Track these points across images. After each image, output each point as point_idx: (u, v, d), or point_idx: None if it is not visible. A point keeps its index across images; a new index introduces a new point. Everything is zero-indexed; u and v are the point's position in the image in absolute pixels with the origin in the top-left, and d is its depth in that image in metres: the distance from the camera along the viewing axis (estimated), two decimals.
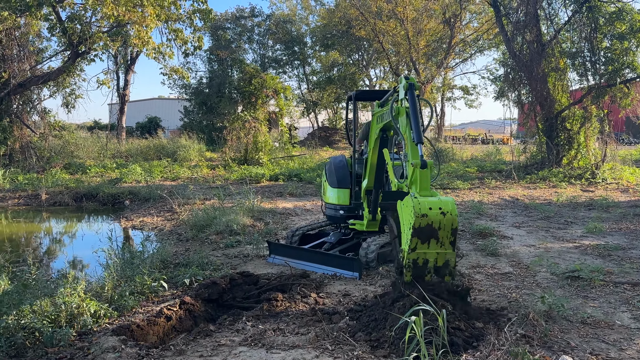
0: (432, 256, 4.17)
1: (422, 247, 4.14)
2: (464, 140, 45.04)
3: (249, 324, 4.63)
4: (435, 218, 4.09)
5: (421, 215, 4.09)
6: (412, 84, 4.81)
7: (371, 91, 8.25)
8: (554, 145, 17.49)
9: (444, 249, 4.16)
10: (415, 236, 4.11)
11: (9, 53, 17.23)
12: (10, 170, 16.78)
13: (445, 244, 4.15)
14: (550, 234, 8.79)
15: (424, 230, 4.09)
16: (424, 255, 4.17)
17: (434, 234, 4.10)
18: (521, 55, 17.53)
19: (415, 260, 4.18)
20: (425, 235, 4.11)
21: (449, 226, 4.11)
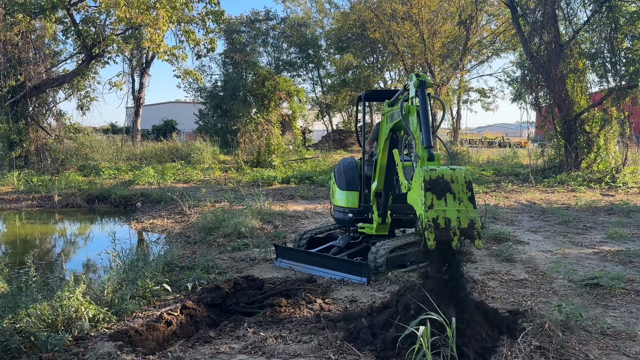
0: (454, 214, 3.68)
1: (439, 203, 3.68)
2: (480, 143, 44.54)
3: (250, 330, 4.46)
4: (445, 171, 3.74)
5: (429, 169, 3.77)
6: (424, 82, 4.56)
7: (381, 91, 8.07)
8: (573, 149, 17.08)
9: (463, 205, 3.71)
10: (429, 190, 3.69)
11: (25, 56, 17.40)
12: (25, 172, 16.91)
13: (464, 200, 3.71)
14: (568, 240, 8.49)
15: (436, 183, 3.69)
16: (443, 214, 3.68)
17: (447, 187, 3.69)
18: (539, 57, 17.17)
19: (435, 219, 3.67)
20: (438, 189, 3.69)
21: (462, 179, 3.72)
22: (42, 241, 10.42)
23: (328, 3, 41.23)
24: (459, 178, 3.75)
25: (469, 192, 3.74)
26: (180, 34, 18.14)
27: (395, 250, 6.40)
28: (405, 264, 6.50)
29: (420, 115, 4.46)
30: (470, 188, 3.75)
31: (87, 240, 10.99)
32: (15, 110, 17.59)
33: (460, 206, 3.72)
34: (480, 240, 3.74)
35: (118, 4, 14.17)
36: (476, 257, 7.18)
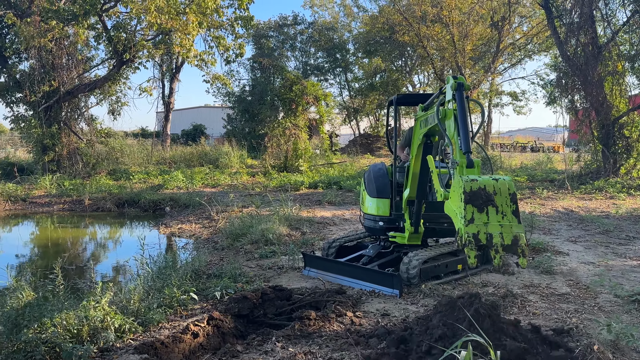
0: (496, 229, 3.41)
1: (480, 216, 3.41)
2: (512, 147, 43.56)
3: (278, 344, 4.29)
4: (488, 182, 3.46)
5: (470, 180, 3.49)
6: (461, 84, 4.29)
7: (414, 95, 7.85)
8: (611, 154, 16.43)
9: (507, 220, 3.43)
10: (469, 202, 3.42)
11: (59, 62, 17.74)
12: (57, 175, 17.21)
13: (508, 214, 3.43)
14: (610, 250, 8.07)
15: (477, 195, 3.42)
16: (484, 229, 3.41)
17: (489, 199, 3.43)
18: (575, 59, 16.60)
19: (476, 235, 3.41)
20: (480, 201, 3.42)
21: (506, 191, 3.44)
22: (72, 245, 10.51)
23: (356, 7, 41.08)
24: (503, 190, 3.48)
25: (514, 206, 3.47)
26: (209, 39, 18.26)
27: (429, 261, 6.15)
28: (440, 275, 6.25)
29: (458, 119, 4.22)
30: (514, 201, 3.48)
31: (116, 244, 11.04)
32: (48, 115, 17.95)
33: (503, 220, 3.45)
34: (524, 259, 3.47)
35: (149, 9, 14.31)
36: (513, 269, 6.85)
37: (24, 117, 18.68)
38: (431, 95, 5.41)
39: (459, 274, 6.45)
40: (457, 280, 6.32)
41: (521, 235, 3.44)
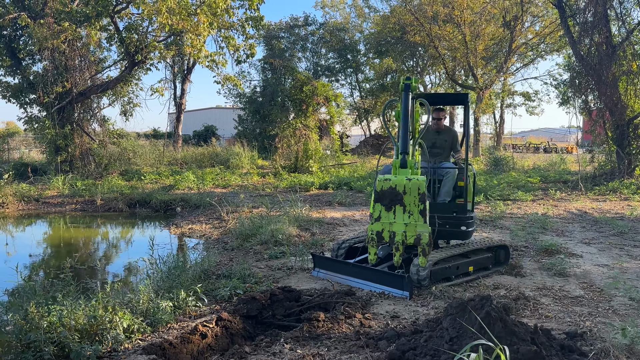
0: (400, 228, 3.56)
1: (387, 215, 3.57)
2: (525, 148, 43.17)
3: (286, 346, 4.26)
4: (400, 182, 3.58)
5: (384, 179, 3.65)
6: (407, 85, 4.38)
7: (427, 94, 7.80)
8: (626, 155, 16.21)
9: (412, 219, 3.55)
10: (378, 201, 3.59)
11: (72, 63, 17.89)
12: (70, 176, 17.34)
13: (414, 213, 3.54)
14: (625, 252, 7.93)
15: (387, 194, 3.57)
16: (389, 227, 3.57)
17: (398, 198, 3.55)
18: (589, 59, 16.40)
19: (380, 232, 3.61)
20: (388, 200, 3.56)
21: (415, 190, 3.55)
22: (83, 245, 10.57)
23: (367, 7, 41.00)
24: (413, 189, 3.56)
25: (421, 205, 3.55)
26: (220, 40, 18.29)
27: (440, 263, 6.08)
28: (451, 277, 6.18)
29: (401, 119, 4.26)
30: (423, 200, 3.54)
31: (127, 245, 11.09)
32: (61, 116, 18.12)
33: (409, 220, 3.56)
34: (424, 258, 3.59)
35: (160, 10, 14.38)
36: (525, 271, 6.77)
37: (37, 118, 18.87)
38: (442, 95, 5.43)
39: (470, 275, 6.38)
40: (469, 282, 6.25)
41: (424, 234, 3.54)
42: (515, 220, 10.75)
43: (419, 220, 3.55)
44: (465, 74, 35.37)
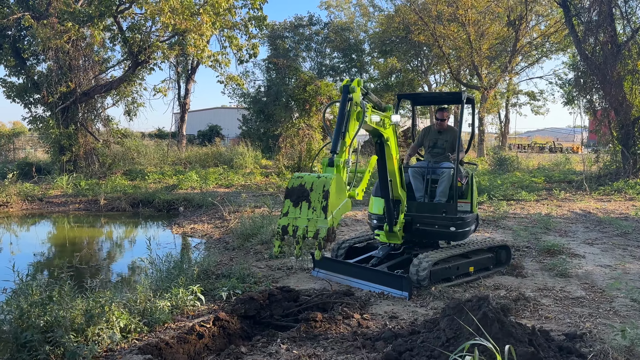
0: (303, 223, 3.76)
1: (294, 210, 3.79)
2: (530, 148, 42.94)
3: (283, 347, 4.24)
4: (308, 179, 3.80)
5: (296, 177, 3.88)
6: (346, 86, 4.47)
7: (422, 94, 7.77)
8: (631, 155, 16.08)
9: (315, 214, 3.73)
10: (288, 197, 3.82)
11: (76, 63, 17.95)
12: (74, 175, 17.40)
13: (317, 209, 3.72)
14: (628, 253, 7.86)
15: (295, 191, 3.78)
16: (294, 222, 3.80)
17: (305, 195, 3.75)
18: (593, 58, 16.28)
19: (285, 227, 3.84)
20: (296, 196, 3.77)
21: (321, 187, 3.72)
22: (85, 245, 10.59)
23: (372, 6, 40.90)
24: (318, 186, 3.76)
25: (324, 201, 3.72)
26: (223, 39, 18.29)
27: (440, 263, 6.04)
28: (451, 277, 6.14)
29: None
30: (326, 197, 3.71)
31: (129, 244, 11.11)
32: (65, 116, 18.17)
33: (312, 215, 3.75)
34: (318, 252, 3.79)
35: (163, 10, 14.39)
36: (527, 271, 6.71)
37: (41, 117, 18.94)
38: (438, 94, 5.43)
39: (471, 276, 6.34)
40: (469, 282, 6.21)
41: (322, 229, 3.71)
42: (518, 221, 10.69)
43: (321, 215, 3.74)
44: (470, 74, 35.22)
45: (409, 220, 6.37)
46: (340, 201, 3.95)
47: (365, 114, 4.65)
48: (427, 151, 7.20)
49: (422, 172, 6.75)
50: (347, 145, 4.38)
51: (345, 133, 4.40)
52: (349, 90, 4.49)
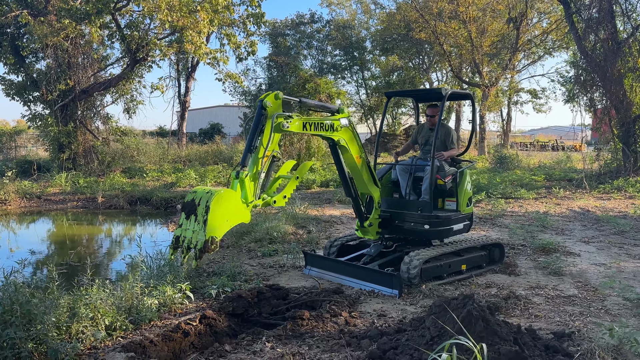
0: (189, 234, 4.18)
1: (185, 223, 4.22)
2: (532, 146, 42.77)
3: (268, 345, 4.20)
4: (200, 194, 4.15)
5: (192, 192, 4.25)
6: (260, 101, 4.71)
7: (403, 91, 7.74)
8: (631, 152, 15.99)
9: (199, 227, 4.08)
10: (183, 210, 4.27)
11: (75, 61, 17.94)
12: (73, 173, 17.41)
13: (200, 222, 4.08)
14: (624, 252, 7.80)
15: (188, 205, 4.14)
16: (185, 232, 4.21)
17: (194, 208, 4.11)
18: (594, 55, 16.18)
19: (178, 237, 4.26)
20: (188, 210, 4.15)
21: (205, 202, 4.06)
22: (80, 243, 10.58)
23: (373, 4, 40.75)
24: (203, 201, 4.13)
25: (205, 216, 4.08)
26: (221, 37, 18.25)
27: (431, 261, 6.00)
28: (442, 275, 6.09)
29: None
30: (207, 212, 4.08)
31: (124, 242, 11.10)
32: (64, 114, 18.18)
33: (197, 227, 4.13)
34: (195, 261, 4.19)
35: (160, 7, 14.37)
36: (520, 269, 6.66)
37: (41, 115, 18.95)
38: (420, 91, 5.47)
39: (463, 274, 6.29)
40: (461, 281, 6.17)
41: (200, 241, 4.12)
42: (516, 219, 10.63)
43: (202, 229, 4.09)
44: (471, 71, 35.09)
45: (388, 217, 6.35)
46: (227, 215, 4.27)
47: (286, 124, 4.80)
48: (421, 148, 7.15)
49: (409, 169, 6.71)
50: (260, 157, 4.60)
51: (258, 147, 4.63)
52: (262, 106, 4.69)
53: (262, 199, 4.72)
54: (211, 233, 4.11)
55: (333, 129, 5.47)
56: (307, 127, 5.18)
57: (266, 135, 4.66)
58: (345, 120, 5.63)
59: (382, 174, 6.90)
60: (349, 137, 5.71)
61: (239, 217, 4.44)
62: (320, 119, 5.36)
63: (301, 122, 5.06)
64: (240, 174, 4.46)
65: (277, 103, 4.82)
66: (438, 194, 6.50)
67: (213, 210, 4.11)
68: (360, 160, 5.89)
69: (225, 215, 4.25)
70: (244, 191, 4.48)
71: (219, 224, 4.19)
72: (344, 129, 5.60)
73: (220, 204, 4.18)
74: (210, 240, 4.11)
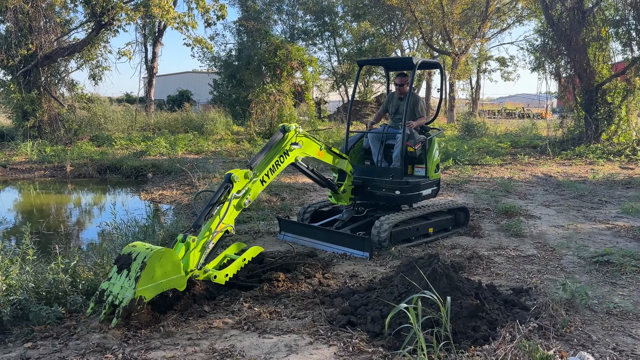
0: (117, 289, 3.88)
1: (115, 277, 3.94)
2: (499, 114, 43.58)
3: (245, 305, 4.40)
4: (138, 249, 3.98)
5: (130, 245, 4.06)
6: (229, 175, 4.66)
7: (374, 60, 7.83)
8: (593, 120, 16.57)
9: (128, 283, 3.84)
10: (115, 264, 4.00)
11: (36, 25, 17.25)
12: (39, 142, 17.01)
13: (132, 279, 3.84)
14: (581, 214, 8.25)
15: (123, 258, 3.96)
16: (111, 287, 3.92)
17: (128, 263, 3.92)
18: (560, 24, 16.50)
19: (104, 290, 3.96)
20: (121, 263, 3.95)
21: (142, 258, 3.88)
22: (52, 211, 10.50)
23: None
24: (140, 257, 3.92)
25: (140, 272, 3.85)
26: (189, 0, 17.81)
27: (400, 225, 6.26)
28: (410, 238, 6.38)
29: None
30: (142, 268, 3.86)
31: (96, 210, 11.06)
32: (27, 80, 17.58)
33: (127, 283, 3.87)
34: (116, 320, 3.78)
35: None
36: (484, 231, 7.01)
37: (2, 82, 18.27)
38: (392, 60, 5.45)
39: (430, 237, 6.59)
40: (428, 243, 6.46)
41: (126, 298, 3.80)
42: (481, 184, 11.02)
43: (131, 285, 3.84)
44: (442, 39, 35.22)
45: (360, 184, 6.56)
46: (163, 276, 4.00)
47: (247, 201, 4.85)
48: (391, 117, 7.33)
49: (380, 137, 6.90)
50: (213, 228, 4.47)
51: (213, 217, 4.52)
52: (230, 180, 4.63)
53: (204, 271, 4.45)
54: (141, 292, 3.82)
55: (287, 155, 5.41)
56: (266, 180, 5.13)
57: (224, 208, 4.54)
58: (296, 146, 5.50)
59: (353, 142, 7.07)
60: (306, 148, 5.70)
61: (173, 283, 4.12)
62: (273, 160, 5.24)
63: (258, 182, 5.00)
64: (187, 238, 4.24)
65: (245, 182, 4.76)
66: (408, 160, 6.72)
67: (149, 268, 3.85)
68: (322, 152, 6.00)
69: (161, 277, 3.98)
70: (186, 258, 4.25)
71: (152, 284, 3.91)
72: (295, 150, 5.51)
73: (158, 263, 3.93)
74: (138, 300, 3.81)
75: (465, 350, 3.39)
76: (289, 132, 5.43)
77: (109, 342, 3.66)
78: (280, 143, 5.38)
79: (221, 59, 32.51)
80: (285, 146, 5.38)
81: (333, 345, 3.65)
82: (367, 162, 7.08)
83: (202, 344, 3.70)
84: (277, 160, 5.30)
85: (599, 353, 3.50)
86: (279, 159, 5.32)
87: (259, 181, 5.05)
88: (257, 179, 5.01)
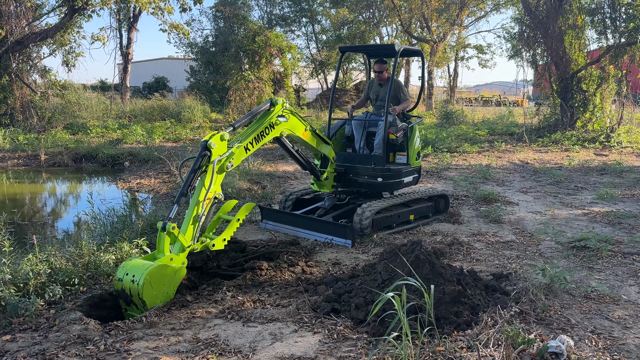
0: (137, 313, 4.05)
1: (130, 309, 4.10)
2: (476, 102, 43.95)
3: (228, 294, 4.37)
4: (125, 284, 4.03)
5: (117, 279, 4.08)
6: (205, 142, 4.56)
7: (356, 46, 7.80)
8: (569, 107, 16.84)
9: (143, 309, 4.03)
10: (120, 298, 4.13)
11: (6, 9, 16.70)
12: (11, 130, 16.56)
13: (140, 308, 4.03)
14: (558, 200, 8.41)
15: (122, 294, 4.06)
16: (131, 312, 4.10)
17: (128, 300, 4.05)
18: (537, 12, 16.66)
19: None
20: (124, 298, 4.07)
21: (136, 294, 3.98)
22: (26, 201, 10.26)
23: None
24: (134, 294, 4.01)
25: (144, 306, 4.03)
26: None
27: (382, 212, 6.29)
28: (392, 225, 6.41)
29: None
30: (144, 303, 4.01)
31: (72, 200, 10.84)
32: None
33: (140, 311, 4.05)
34: None
35: None
36: (464, 218, 7.09)
37: None
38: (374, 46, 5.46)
39: (411, 224, 6.64)
40: (409, 230, 6.51)
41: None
42: (460, 171, 11.13)
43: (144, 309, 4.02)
44: (420, 26, 35.26)
45: (343, 171, 6.56)
46: (164, 287, 4.13)
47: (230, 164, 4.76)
48: (373, 104, 7.32)
49: (363, 124, 6.90)
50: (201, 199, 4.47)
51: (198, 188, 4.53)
52: (207, 147, 4.54)
53: (201, 242, 4.53)
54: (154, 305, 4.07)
55: (273, 127, 5.36)
56: (250, 149, 5.07)
57: (208, 177, 4.50)
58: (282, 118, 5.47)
59: (335, 130, 7.05)
60: (292, 124, 5.63)
61: (176, 281, 4.24)
62: (258, 130, 5.18)
63: (242, 149, 4.93)
64: (167, 227, 4.25)
65: (223, 144, 4.66)
66: (390, 148, 6.74)
67: (147, 297, 3.99)
68: (307, 133, 5.96)
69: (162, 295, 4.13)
70: (177, 243, 4.32)
71: (160, 299, 4.11)
72: (282, 124, 5.46)
73: (152, 288, 4.02)
74: None
75: (448, 335, 3.43)
76: (277, 105, 5.40)
77: (90, 334, 3.60)
78: (267, 115, 5.35)
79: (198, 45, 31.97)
80: (271, 118, 5.35)
81: (317, 332, 3.65)
82: (349, 150, 7.07)
83: (186, 333, 3.67)
84: (262, 132, 5.26)
85: (578, 336, 3.59)
86: (265, 130, 5.28)
87: (243, 148, 5.00)
88: (241, 145, 4.95)
